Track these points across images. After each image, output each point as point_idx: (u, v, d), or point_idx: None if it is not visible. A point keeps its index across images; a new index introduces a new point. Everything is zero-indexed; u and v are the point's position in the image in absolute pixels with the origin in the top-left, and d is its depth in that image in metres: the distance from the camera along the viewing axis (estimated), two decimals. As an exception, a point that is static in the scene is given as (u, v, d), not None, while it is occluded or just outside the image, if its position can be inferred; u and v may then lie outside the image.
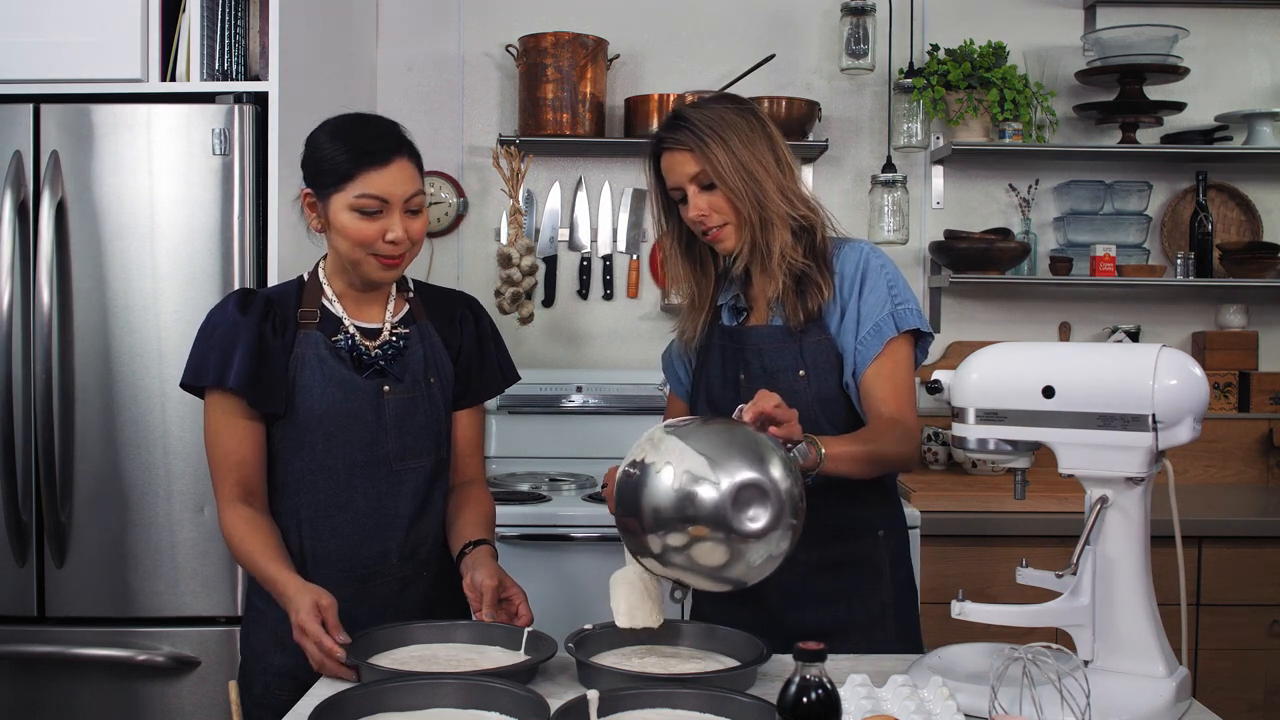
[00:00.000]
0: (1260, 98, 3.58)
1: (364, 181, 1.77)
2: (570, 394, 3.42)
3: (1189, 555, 2.91)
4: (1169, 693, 1.42)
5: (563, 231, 3.60)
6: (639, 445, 1.55)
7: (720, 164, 1.85)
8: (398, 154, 1.80)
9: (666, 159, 1.93)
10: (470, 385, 1.99)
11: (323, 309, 1.87)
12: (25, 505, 2.62)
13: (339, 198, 1.79)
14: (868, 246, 1.94)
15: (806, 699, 1.10)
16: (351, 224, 1.78)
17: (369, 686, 1.46)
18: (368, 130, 1.82)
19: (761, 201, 1.86)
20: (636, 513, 1.50)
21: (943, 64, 3.43)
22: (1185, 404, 1.42)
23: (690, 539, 1.48)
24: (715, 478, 1.46)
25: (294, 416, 1.82)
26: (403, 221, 1.80)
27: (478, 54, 3.60)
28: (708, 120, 1.87)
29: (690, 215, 1.90)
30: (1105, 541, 1.47)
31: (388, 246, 1.80)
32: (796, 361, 1.90)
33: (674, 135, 1.90)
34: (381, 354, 1.87)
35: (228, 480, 1.82)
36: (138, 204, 2.62)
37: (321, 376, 1.82)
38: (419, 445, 1.88)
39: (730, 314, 2.01)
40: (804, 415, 1.84)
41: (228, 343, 1.80)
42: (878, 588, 1.91)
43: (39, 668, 2.63)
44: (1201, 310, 3.63)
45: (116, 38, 2.65)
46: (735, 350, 1.96)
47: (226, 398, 1.81)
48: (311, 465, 1.83)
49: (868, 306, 1.88)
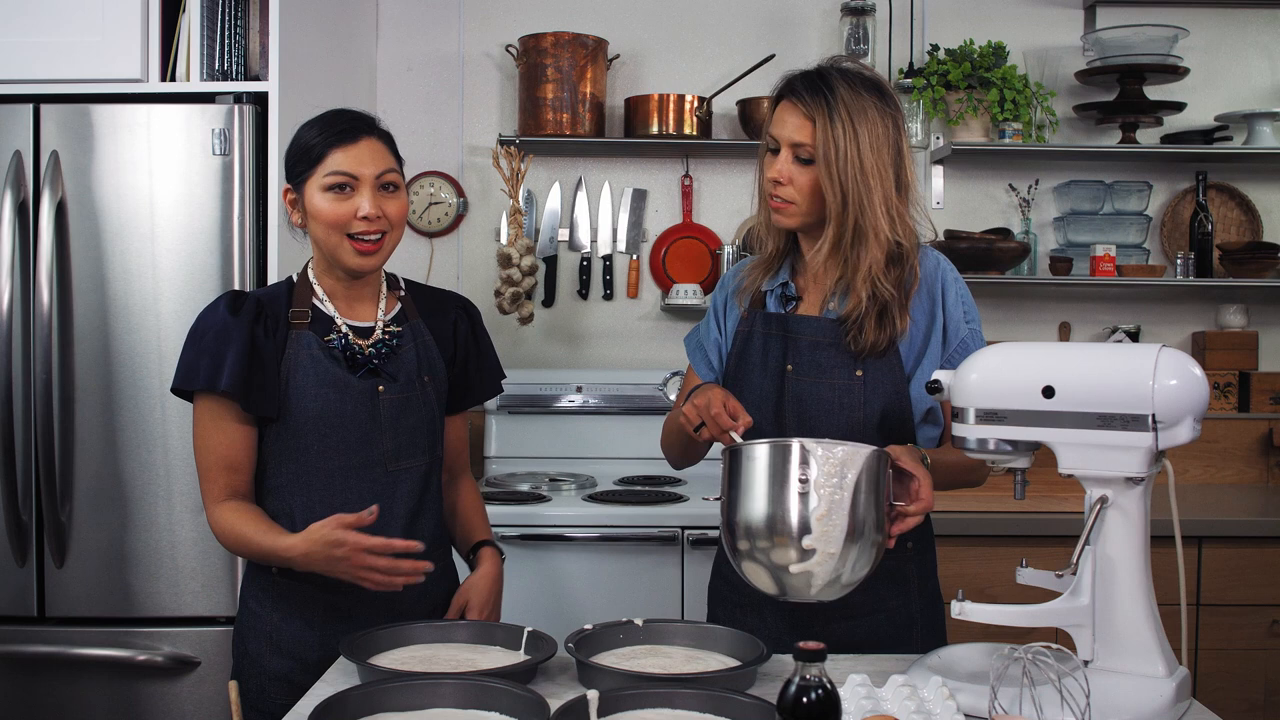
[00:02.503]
0: (1260, 98, 3.58)
1: (333, 160, 1.78)
2: (570, 394, 3.42)
3: (1189, 555, 2.91)
4: (1169, 693, 1.42)
5: (563, 231, 3.60)
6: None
7: (837, 152, 1.74)
8: (367, 134, 1.81)
9: (787, 107, 1.80)
10: (469, 389, 1.99)
11: (314, 309, 1.86)
12: (25, 505, 2.62)
13: (312, 182, 1.79)
14: (937, 253, 1.90)
15: (806, 699, 1.10)
16: (324, 206, 1.78)
17: (369, 686, 1.46)
18: (339, 116, 1.84)
19: (862, 208, 1.76)
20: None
21: (943, 64, 3.43)
22: (1185, 404, 1.42)
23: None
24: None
25: (287, 419, 1.80)
26: (376, 199, 1.79)
27: (478, 54, 3.60)
28: (849, 101, 1.74)
29: (769, 172, 1.81)
30: (1105, 541, 1.47)
31: (361, 224, 1.78)
32: (853, 361, 1.83)
33: (806, 94, 1.77)
34: (376, 353, 1.85)
35: (217, 483, 1.80)
36: (138, 204, 2.62)
37: (315, 378, 1.80)
38: (414, 445, 1.87)
39: (777, 301, 1.91)
40: (857, 417, 1.82)
41: (219, 346, 1.78)
42: (905, 601, 1.86)
43: (39, 668, 2.63)
44: (1201, 310, 3.63)
45: (116, 38, 2.65)
46: (781, 340, 1.87)
47: (217, 401, 1.79)
48: (305, 468, 1.81)
49: (953, 321, 1.85)
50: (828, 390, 1.83)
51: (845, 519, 1.52)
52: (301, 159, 1.81)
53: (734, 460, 1.60)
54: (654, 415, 3.35)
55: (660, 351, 3.58)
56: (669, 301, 3.50)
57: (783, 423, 1.85)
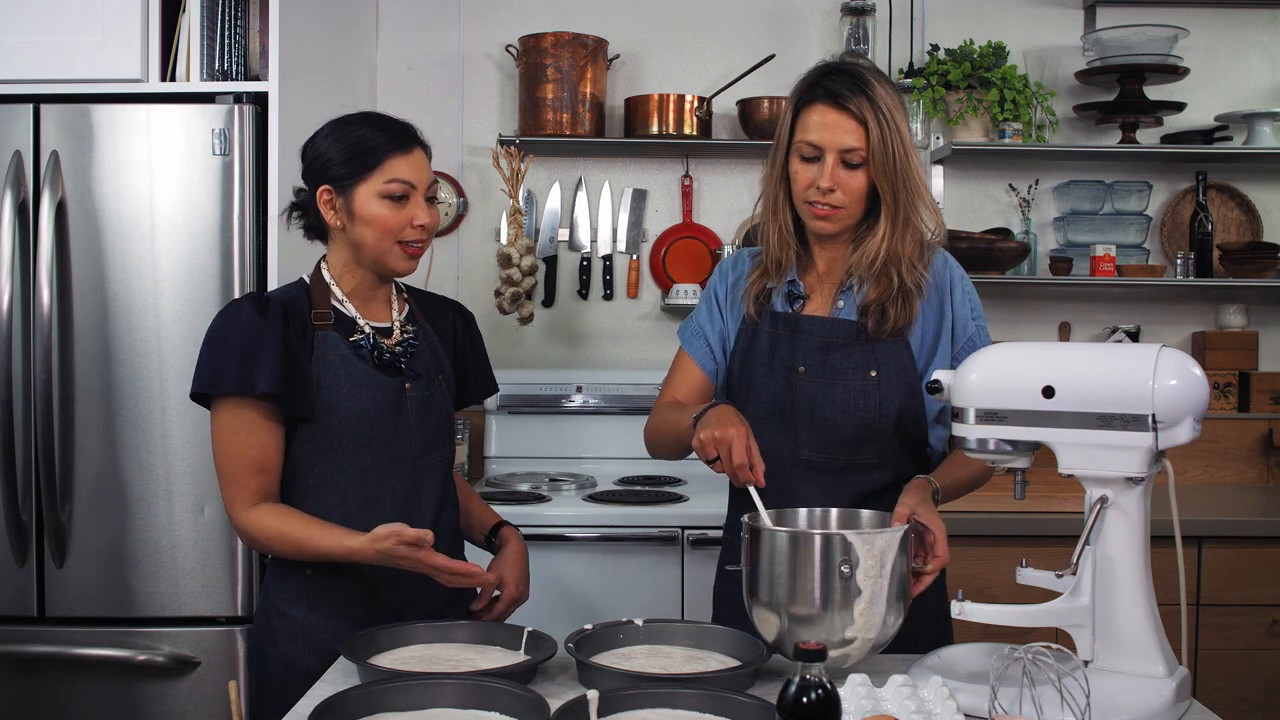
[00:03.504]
0: (1260, 98, 3.58)
1: (392, 167, 1.80)
2: (570, 394, 3.42)
3: (1189, 555, 2.91)
4: (1169, 693, 1.42)
5: (563, 231, 3.60)
6: None
7: (888, 151, 1.72)
8: (416, 143, 1.86)
9: (824, 113, 1.75)
10: (465, 391, 2.04)
11: (335, 310, 1.86)
12: (25, 505, 2.62)
13: (365, 187, 1.80)
14: (945, 252, 1.90)
15: (806, 699, 1.10)
16: (382, 212, 1.80)
17: (369, 686, 1.46)
18: (391, 122, 1.86)
19: (912, 203, 1.76)
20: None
21: (943, 64, 3.43)
22: (1185, 404, 1.42)
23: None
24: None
25: (321, 419, 1.80)
26: (428, 210, 1.84)
27: (478, 54, 3.60)
28: (886, 97, 1.72)
29: (819, 182, 1.76)
30: (1105, 541, 1.47)
31: (415, 232, 1.82)
32: (868, 360, 1.82)
33: (849, 95, 1.73)
34: (403, 351, 1.88)
35: (249, 487, 1.78)
36: (138, 204, 2.62)
37: (347, 377, 1.81)
38: (437, 441, 1.90)
39: (784, 299, 1.89)
40: (872, 418, 1.82)
41: (250, 348, 1.76)
42: (940, 605, 1.86)
43: (39, 668, 2.63)
44: (1201, 310, 3.63)
45: (116, 38, 2.65)
46: (791, 339, 1.85)
47: (247, 404, 1.77)
48: (342, 466, 1.82)
49: (960, 320, 1.85)
50: (842, 392, 1.83)
51: (884, 603, 1.53)
52: (358, 162, 1.80)
53: (769, 543, 1.56)
54: (654, 415, 3.35)
55: (660, 351, 3.58)
56: (669, 301, 3.50)
57: (794, 425, 1.85)
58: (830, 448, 1.84)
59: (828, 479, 1.85)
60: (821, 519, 1.71)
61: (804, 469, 1.85)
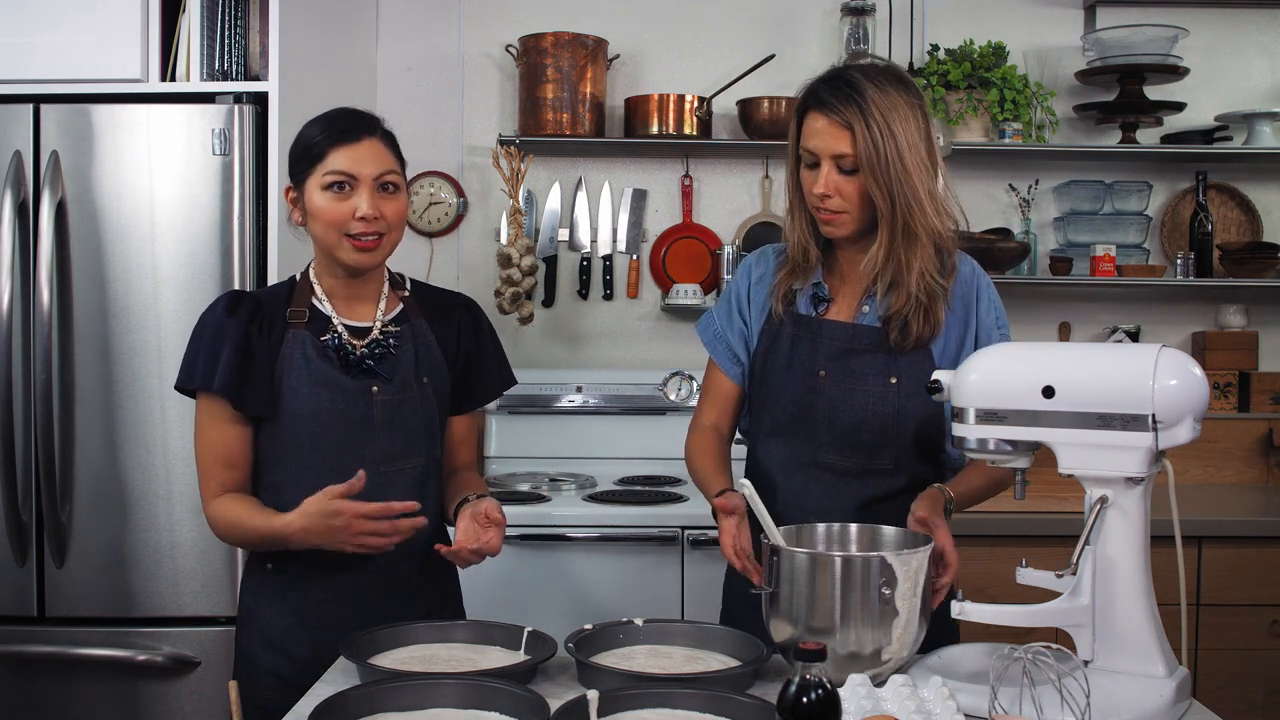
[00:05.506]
0: (1260, 98, 3.58)
1: (333, 159, 1.79)
2: (570, 394, 3.41)
3: (1189, 555, 2.91)
4: (1169, 693, 1.42)
5: (563, 231, 3.60)
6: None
7: (879, 156, 1.70)
8: (369, 134, 1.82)
9: (815, 120, 1.75)
10: (473, 391, 1.99)
11: (312, 308, 1.86)
12: (25, 505, 2.62)
13: (312, 180, 1.80)
14: (972, 260, 1.88)
15: (806, 699, 1.10)
16: (324, 204, 1.79)
17: (369, 686, 1.46)
18: (342, 115, 1.84)
19: (910, 209, 1.73)
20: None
21: (943, 64, 3.43)
22: (1185, 404, 1.42)
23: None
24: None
25: (280, 418, 1.81)
26: (374, 200, 1.79)
27: (478, 54, 3.60)
28: (881, 102, 1.71)
29: (815, 189, 1.77)
30: (1105, 541, 1.47)
31: (359, 224, 1.78)
32: (888, 367, 1.82)
33: (837, 103, 1.72)
34: (369, 353, 1.85)
35: (214, 479, 1.82)
36: (138, 204, 2.62)
37: (308, 377, 1.81)
38: (410, 446, 1.86)
39: (809, 302, 1.88)
40: (891, 424, 1.82)
41: (214, 345, 1.79)
42: (940, 605, 1.86)
43: (39, 668, 2.63)
44: (1201, 310, 3.63)
45: (116, 38, 2.65)
46: (812, 343, 1.85)
47: (214, 400, 1.80)
48: (299, 467, 1.81)
49: (984, 329, 1.84)
50: (862, 397, 1.83)
51: (917, 620, 1.53)
52: (302, 157, 1.82)
53: (807, 566, 1.54)
54: (654, 415, 3.35)
55: (660, 351, 3.58)
56: (669, 301, 3.50)
57: (813, 428, 1.85)
58: (847, 451, 1.84)
59: (842, 481, 1.85)
60: (840, 535, 1.70)
61: (819, 470, 1.86)
